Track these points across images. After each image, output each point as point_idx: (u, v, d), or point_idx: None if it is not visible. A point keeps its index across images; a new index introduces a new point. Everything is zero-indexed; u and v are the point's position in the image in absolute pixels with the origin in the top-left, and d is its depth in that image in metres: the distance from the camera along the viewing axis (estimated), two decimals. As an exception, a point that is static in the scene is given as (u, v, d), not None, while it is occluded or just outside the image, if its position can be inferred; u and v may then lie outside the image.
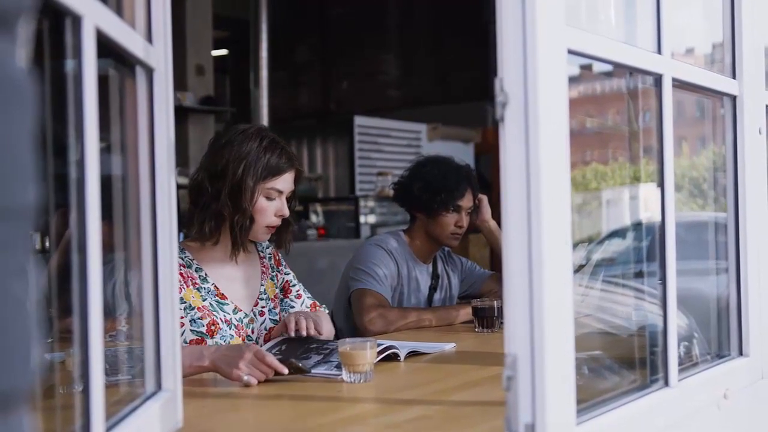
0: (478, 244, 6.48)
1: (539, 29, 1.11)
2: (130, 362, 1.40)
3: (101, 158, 1.00)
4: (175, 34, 1.37)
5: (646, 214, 1.87)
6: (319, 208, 7.51)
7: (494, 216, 3.02)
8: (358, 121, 7.94)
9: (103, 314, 1.00)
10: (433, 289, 2.99)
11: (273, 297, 2.34)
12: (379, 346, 1.98)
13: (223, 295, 2.20)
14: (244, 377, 1.80)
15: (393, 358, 2.05)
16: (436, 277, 3.01)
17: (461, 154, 6.22)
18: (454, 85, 9.18)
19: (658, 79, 1.47)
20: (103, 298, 1.01)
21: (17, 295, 0.54)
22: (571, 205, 1.18)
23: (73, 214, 0.96)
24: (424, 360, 2.12)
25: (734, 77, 1.75)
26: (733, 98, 1.76)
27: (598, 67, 1.51)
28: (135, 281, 1.35)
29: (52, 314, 1.06)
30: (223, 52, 9.88)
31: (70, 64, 0.97)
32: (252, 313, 2.26)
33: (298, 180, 2.26)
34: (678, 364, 1.49)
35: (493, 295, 2.81)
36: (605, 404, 1.32)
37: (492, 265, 5.37)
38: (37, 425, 0.62)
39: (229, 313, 2.19)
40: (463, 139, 8.18)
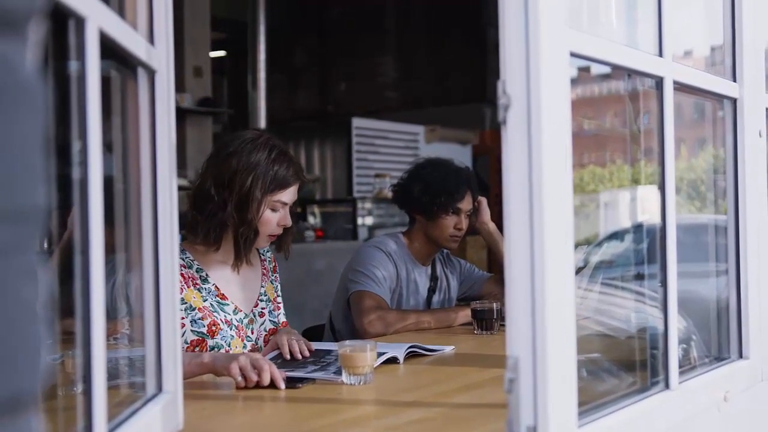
0: (476, 246, 6.49)
1: (542, 32, 1.11)
2: (131, 365, 1.40)
3: (102, 159, 1.00)
4: (173, 35, 1.36)
5: (645, 217, 1.87)
6: (317, 210, 7.51)
7: (493, 217, 3.02)
8: (356, 122, 7.94)
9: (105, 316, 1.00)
10: (432, 291, 2.99)
11: (273, 299, 2.35)
12: (380, 356, 1.98)
13: (224, 295, 2.21)
14: (238, 377, 1.79)
15: (393, 360, 2.05)
16: (434, 279, 3.01)
17: (459, 156, 6.22)
18: (452, 87, 9.18)
19: (659, 81, 1.47)
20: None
21: (27, 298, 0.54)
22: (573, 207, 1.18)
23: (76, 215, 0.96)
24: (423, 362, 2.12)
25: (735, 80, 1.76)
26: (734, 101, 1.76)
27: (595, 70, 1.51)
28: (136, 283, 1.35)
29: (53, 315, 1.06)
30: (221, 53, 9.88)
31: (73, 66, 0.97)
32: (252, 314, 2.27)
33: (300, 190, 2.27)
34: (678, 367, 1.49)
35: (492, 297, 2.81)
36: (606, 407, 1.32)
37: (490, 267, 5.38)
38: (46, 428, 0.62)
39: (229, 314, 2.19)
40: (461, 141, 8.18)
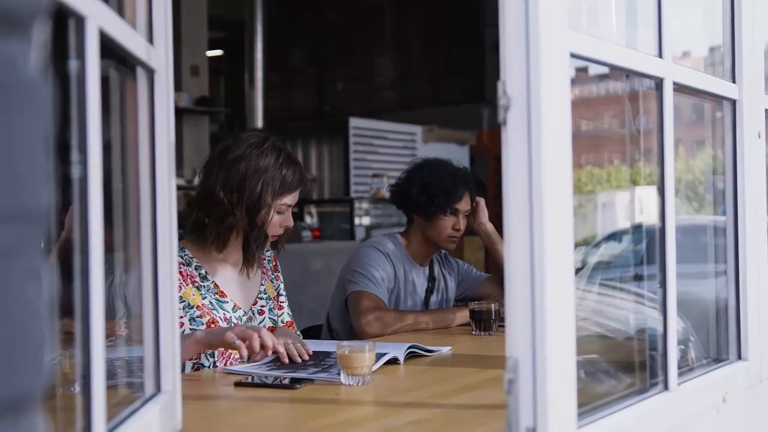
0: (473, 247, 6.49)
1: (542, 33, 1.11)
2: (129, 365, 1.40)
3: (101, 159, 0.99)
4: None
5: (643, 217, 1.87)
6: (314, 210, 7.50)
7: (490, 218, 3.02)
8: (353, 122, 7.93)
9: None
10: (430, 291, 2.99)
11: (274, 298, 2.36)
12: (380, 357, 1.98)
13: (223, 293, 2.22)
14: (236, 340, 1.88)
15: (393, 361, 2.05)
16: (432, 279, 3.00)
17: (456, 156, 6.21)
18: (449, 88, 9.19)
19: (659, 82, 1.47)
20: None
21: (31, 299, 0.54)
22: (573, 208, 1.18)
23: (75, 215, 0.95)
24: (422, 363, 2.12)
25: (734, 81, 1.76)
26: (733, 102, 1.76)
27: (593, 71, 1.51)
28: (134, 282, 1.34)
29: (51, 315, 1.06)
30: (219, 52, 9.88)
31: (73, 65, 0.96)
32: (251, 312, 2.27)
33: (302, 191, 2.29)
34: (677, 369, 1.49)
35: (490, 298, 2.81)
36: (605, 408, 1.32)
37: (487, 267, 5.38)
38: (49, 428, 0.61)
39: (228, 312, 2.20)
40: (458, 141, 8.18)
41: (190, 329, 2.12)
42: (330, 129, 8.44)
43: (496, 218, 2.50)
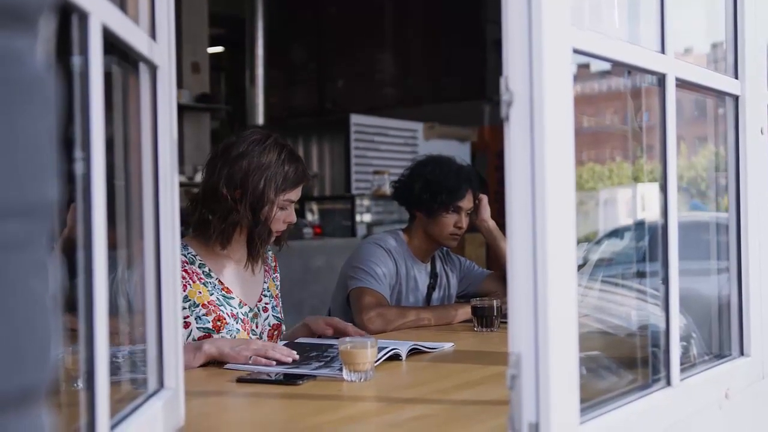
0: (474, 244, 6.49)
1: (545, 28, 1.11)
2: (132, 361, 1.40)
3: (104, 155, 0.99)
4: (172, 31, 1.36)
5: (645, 214, 1.87)
6: (315, 207, 7.50)
7: (491, 215, 3.02)
8: (354, 119, 7.93)
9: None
10: (432, 288, 2.99)
11: (275, 296, 2.37)
12: (381, 350, 1.98)
13: (229, 289, 2.23)
14: (250, 359, 1.95)
15: (395, 357, 2.05)
16: (434, 276, 3.00)
17: (458, 153, 6.23)
18: (451, 84, 9.19)
19: (661, 78, 1.47)
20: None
21: (37, 292, 0.54)
22: (575, 204, 1.18)
23: (78, 211, 0.95)
24: (424, 359, 2.12)
25: (736, 77, 1.76)
26: (736, 98, 1.76)
27: (595, 67, 1.51)
28: (137, 279, 1.34)
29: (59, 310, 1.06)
30: (219, 49, 9.88)
31: (76, 61, 0.96)
32: (256, 308, 2.28)
33: (304, 188, 2.31)
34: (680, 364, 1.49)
35: (492, 294, 2.81)
36: (608, 403, 1.32)
37: (489, 264, 5.38)
38: (54, 419, 0.62)
39: (235, 307, 2.21)
40: (460, 138, 8.18)
41: (197, 328, 2.13)
42: (331, 126, 8.44)
43: (497, 215, 2.50)
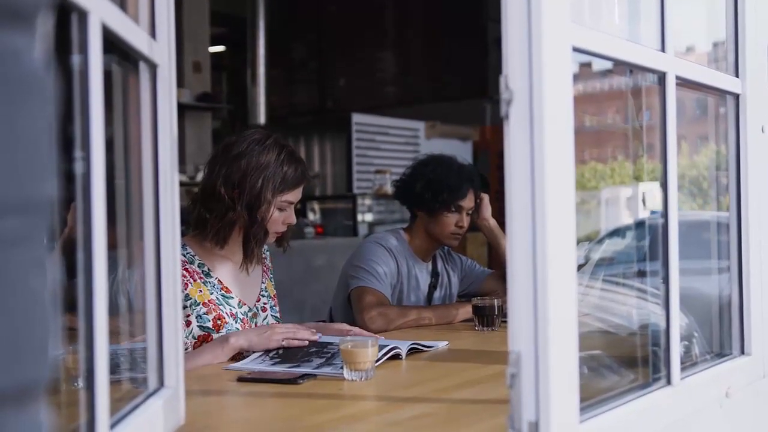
0: (476, 243, 6.50)
1: (544, 26, 1.11)
2: (132, 360, 1.40)
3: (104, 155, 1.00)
4: (173, 30, 1.36)
5: (646, 213, 1.87)
6: (317, 206, 7.51)
7: (493, 214, 3.02)
8: (356, 118, 7.94)
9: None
10: (433, 287, 2.99)
11: (273, 296, 2.38)
12: (381, 349, 1.98)
13: (228, 288, 2.23)
14: (283, 341, 2.02)
15: (395, 357, 2.05)
16: (435, 275, 3.00)
17: (459, 152, 6.22)
18: (452, 83, 9.18)
19: (661, 77, 1.47)
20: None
21: (35, 289, 0.54)
22: (575, 203, 1.18)
23: (78, 211, 0.96)
24: (424, 358, 2.12)
25: (737, 75, 1.75)
26: (737, 96, 1.76)
27: (597, 65, 1.50)
28: (137, 278, 1.34)
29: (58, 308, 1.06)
30: (221, 48, 9.88)
31: (75, 60, 0.96)
32: (255, 308, 2.29)
33: (304, 188, 2.30)
34: (680, 364, 1.49)
35: (493, 293, 2.81)
36: (608, 402, 1.32)
37: (491, 263, 5.38)
38: (53, 418, 0.62)
39: (234, 307, 2.22)
40: (461, 137, 8.18)
41: (198, 326, 2.13)
42: (332, 125, 8.44)
43: (499, 214, 2.50)
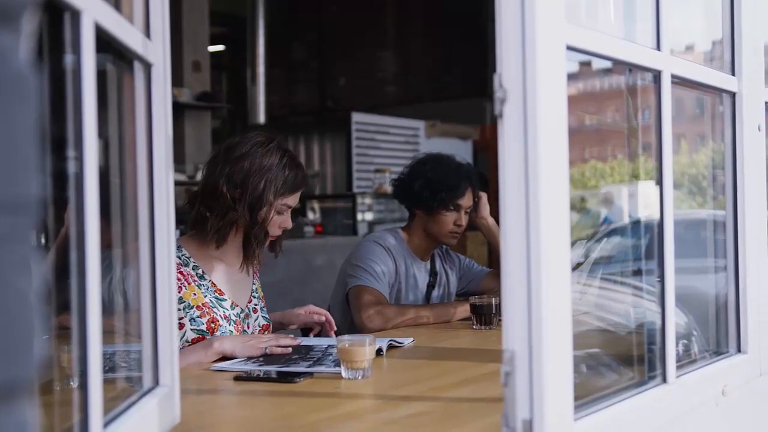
0: (476, 242, 6.49)
1: (538, 25, 1.11)
2: (127, 359, 1.40)
3: (98, 154, 1.00)
4: (172, 29, 1.36)
5: (645, 212, 1.87)
6: (316, 205, 7.51)
7: (492, 213, 3.02)
8: (356, 117, 7.94)
9: (101, 311, 1.00)
10: (432, 286, 2.99)
11: (262, 297, 2.39)
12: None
13: (221, 290, 2.24)
14: (266, 350, 2.04)
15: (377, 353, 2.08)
16: (434, 274, 3.01)
17: (459, 151, 6.23)
18: (452, 82, 9.18)
19: (657, 75, 1.47)
20: (101, 295, 1.01)
21: (20, 288, 0.54)
22: (569, 202, 1.18)
23: (71, 210, 0.96)
24: (422, 357, 2.12)
25: (733, 74, 1.75)
26: (733, 95, 1.76)
27: (597, 64, 1.50)
28: (132, 277, 1.35)
29: (49, 310, 1.06)
30: (220, 48, 9.88)
31: (68, 59, 0.96)
32: (247, 309, 2.30)
33: (304, 190, 2.32)
34: (677, 362, 1.49)
35: (492, 292, 2.81)
36: (603, 400, 1.32)
37: (490, 262, 5.37)
38: (39, 416, 0.62)
39: (227, 309, 2.22)
40: (462, 136, 8.18)
41: (191, 330, 2.14)
42: (332, 124, 8.44)
43: (498, 213, 2.50)
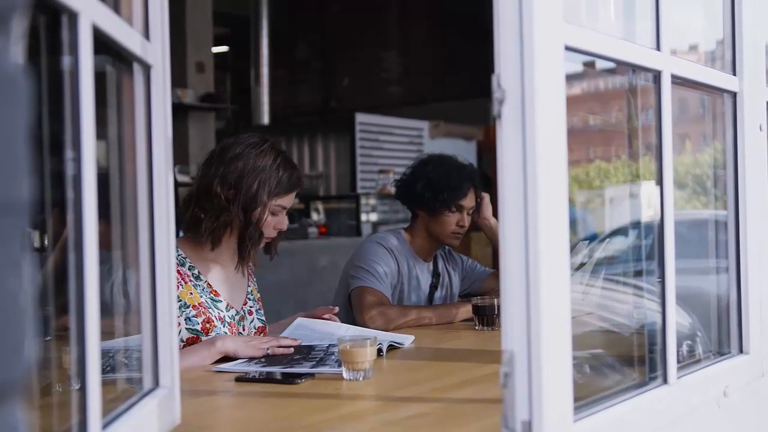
0: (480, 242, 6.48)
1: (536, 25, 1.11)
2: (128, 360, 1.40)
3: (98, 156, 1.00)
4: (176, 30, 1.37)
5: (648, 212, 1.87)
6: (320, 206, 7.50)
7: (495, 213, 3.01)
8: (360, 118, 7.94)
9: (102, 313, 1.00)
10: (434, 287, 2.99)
11: (257, 299, 2.39)
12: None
13: (217, 292, 2.24)
14: (268, 350, 2.03)
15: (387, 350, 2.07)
16: (436, 275, 3.00)
17: (463, 151, 6.22)
18: (456, 83, 9.17)
19: (657, 75, 1.47)
20: (102, 297, 1.01)
21: (11, 289, 0.54)
22: (568, 202, 1.18)
23: (70, 212, 0.96)
24: (424, 358, 2.12)
25: (734, 74, 1.75)
26: (734, 95, 1.75)
27: (601, 64, 1.50)
28: (132, 279, 1.35)
29: (50, 312, 1.06)
30: (224, 48, 9.88)
31: (66, 61, 0.96)
32: (242, 311, 2.30)
33: (306, 190, 2.32)
34: (680, 362, 1.49)
35: (494, 293, 2.80)
36: (603, 401, 1.32)
37: (494, 263, 5.36)
38: (30, 417, 0.62)
39: (222, 311, 2.23)
40: (465, 136, 8.17)
41: (186, 329, 2.14)
42: (336, 125, 8.44)
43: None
